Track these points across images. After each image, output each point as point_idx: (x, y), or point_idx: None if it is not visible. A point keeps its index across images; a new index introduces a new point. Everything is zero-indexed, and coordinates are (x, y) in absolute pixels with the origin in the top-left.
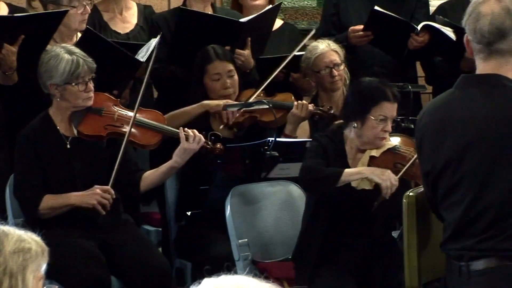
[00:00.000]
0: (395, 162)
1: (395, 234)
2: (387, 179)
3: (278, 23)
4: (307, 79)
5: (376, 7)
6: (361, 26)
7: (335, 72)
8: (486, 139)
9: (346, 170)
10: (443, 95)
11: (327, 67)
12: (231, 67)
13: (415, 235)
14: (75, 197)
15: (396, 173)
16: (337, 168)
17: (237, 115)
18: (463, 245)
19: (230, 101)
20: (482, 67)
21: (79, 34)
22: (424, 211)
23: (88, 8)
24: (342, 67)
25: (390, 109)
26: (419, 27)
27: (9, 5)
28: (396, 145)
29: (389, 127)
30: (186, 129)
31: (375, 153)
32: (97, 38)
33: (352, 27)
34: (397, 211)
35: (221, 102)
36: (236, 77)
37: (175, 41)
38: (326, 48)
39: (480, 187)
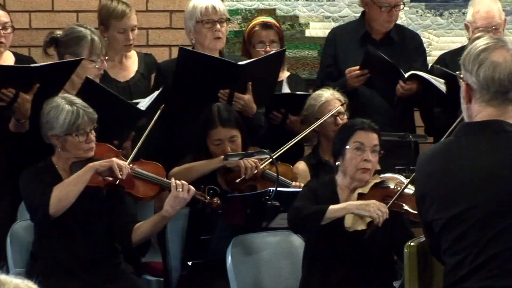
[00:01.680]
0: (384, 196)
1: (396, 284)
2: (374, 209)
3: (285, 74)
4: (304, 126)
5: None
6: (357, 67)
7: (340, 120)
8: (495, 185)
9: (331, 206)
10: (442, 144)
11: (332, 115)
12: (233, 132)
13: (416, 285)
14: (92, 163)
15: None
16: (322, 206)
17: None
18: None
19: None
20: (488, 113)
21: None
22: (426, 261)
23: (106, 64)
24: (345, 116)
25: (364, 136)
26: (406, 75)
27: (15, 54)
28: (382, 180)
29: (368, 155)
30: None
31: (362, 190)
32: (97, 88)
33: (348, 69)
34: (392, 256)
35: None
36: (239, 141)
37: (175, 82)
38: (331, 96)
39: (493, 233)
